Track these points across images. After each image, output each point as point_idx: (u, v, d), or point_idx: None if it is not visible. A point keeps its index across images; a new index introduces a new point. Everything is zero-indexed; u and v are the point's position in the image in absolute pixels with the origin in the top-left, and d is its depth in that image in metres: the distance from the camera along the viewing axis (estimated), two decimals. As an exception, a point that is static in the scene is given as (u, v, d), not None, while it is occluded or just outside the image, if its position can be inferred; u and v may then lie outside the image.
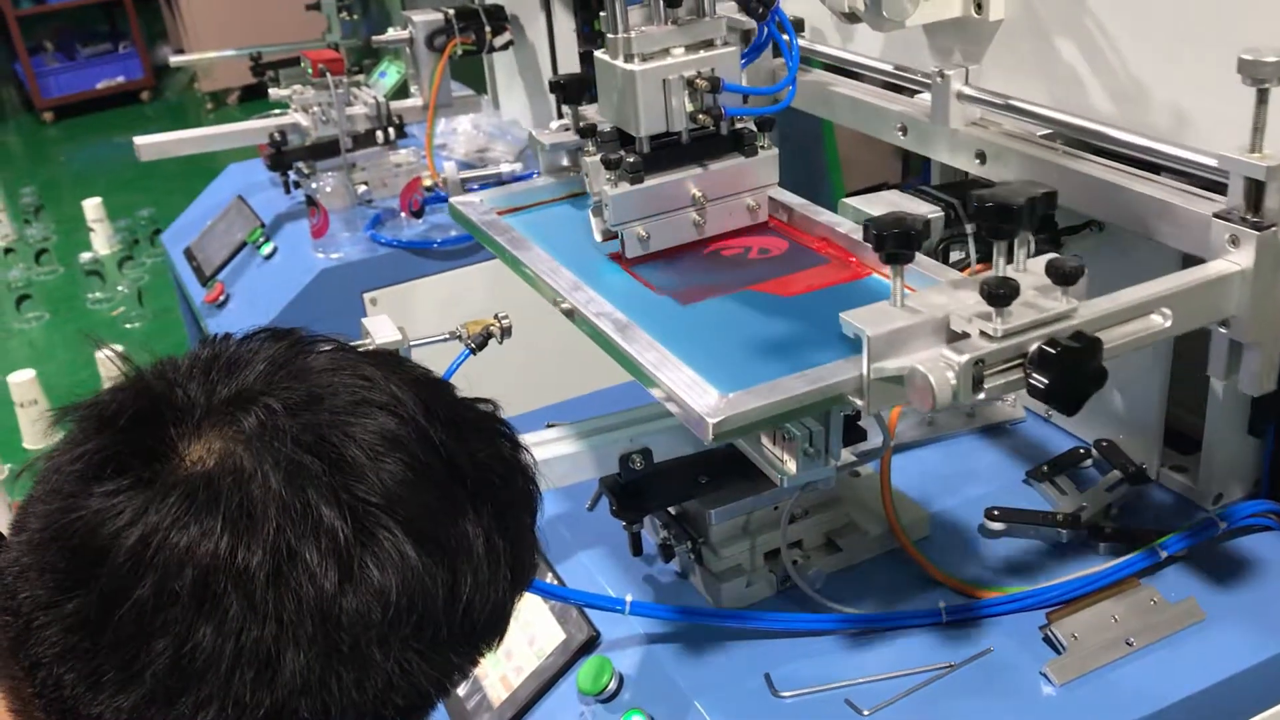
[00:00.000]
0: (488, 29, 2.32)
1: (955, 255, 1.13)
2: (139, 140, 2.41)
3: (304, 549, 0.53)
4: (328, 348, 0.63)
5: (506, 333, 1.16)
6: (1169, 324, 0.93)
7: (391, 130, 2.34)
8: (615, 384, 1.88)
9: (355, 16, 2.87)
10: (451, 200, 1.31)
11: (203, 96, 6.28)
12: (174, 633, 0.52)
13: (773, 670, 1.04)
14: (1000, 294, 0.84)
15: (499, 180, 2.29)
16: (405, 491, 0.56)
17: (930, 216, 1.11)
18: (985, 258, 1.12)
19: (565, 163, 1.28)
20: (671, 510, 1.18)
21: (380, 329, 1.02)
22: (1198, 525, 1.10)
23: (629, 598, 1.07)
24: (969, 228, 1.12)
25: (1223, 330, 0.97)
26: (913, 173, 4.10)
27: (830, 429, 1.03)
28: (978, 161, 1.19)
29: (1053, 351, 0.83)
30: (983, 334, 0.84)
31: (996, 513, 1.17)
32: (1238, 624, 1.03)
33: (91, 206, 4.52)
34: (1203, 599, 1.05)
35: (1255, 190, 0.94)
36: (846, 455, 1.08)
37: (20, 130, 6.53)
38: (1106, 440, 1.26)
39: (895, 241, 0.87)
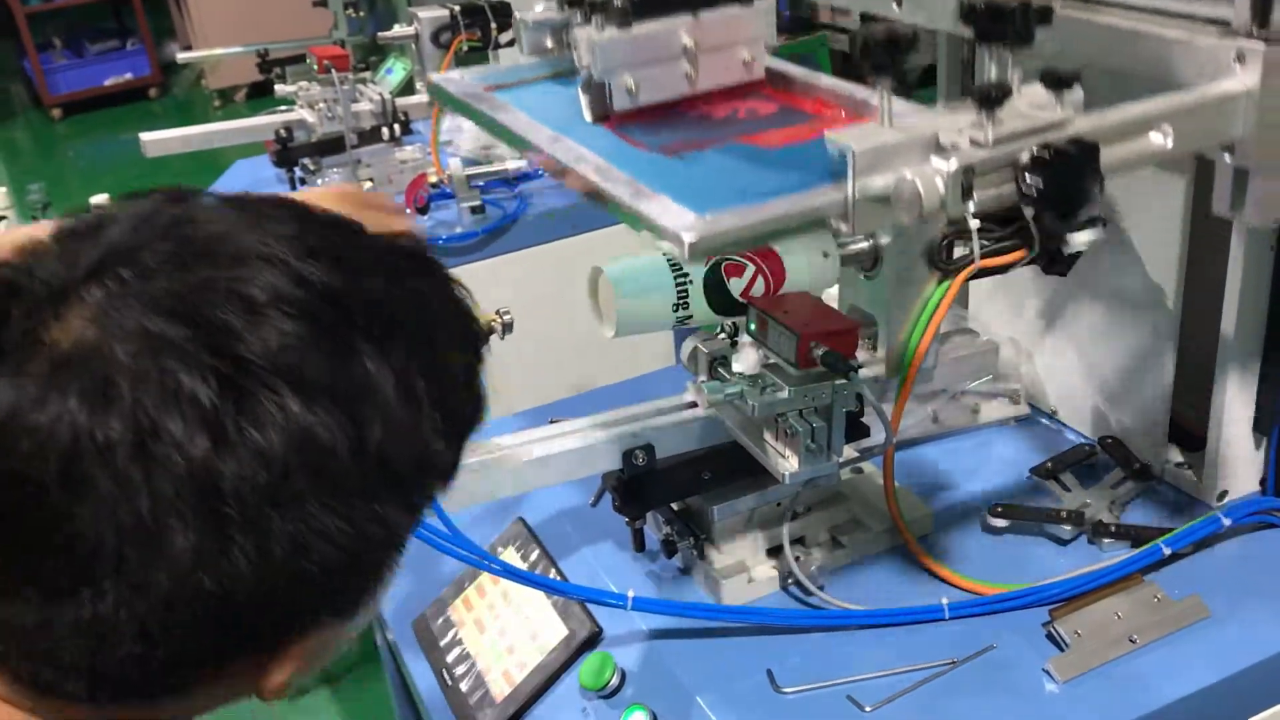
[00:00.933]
0: (493, 25, 2.32)
1: (959, 251, 1.12)
2: (145, 136, 2.41)
3: (165, 420, 0.50)
4: (211, 200, 0.60)
5: (508, 328, 1.16)
6: (1169, 142, 0.87)
7: (397, 127, 2.34)
8: (619, 381, 1.89)
9: (361, 13, 2.88)
10: (431, 76, 1.25)
11: (210, 93, 6.29)
12: (52, 522, 0.51)
13: (775, 666, 1.04)
14: (991, 96, 0.80)
15: (505, 178, 2.29)
16: (286, 343, 0.53)
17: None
18: (989, 253, 1.13)
19: (550, 44, 1.21)
20: (674, 506, 1.18)
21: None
22: (1202, 522, 1.10)
23: (631, 593, 1.07)
24: (973, 223, 1.12)
25: (1228, 158, 0.92)
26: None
27: (833, 425, 1.03)
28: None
29: (1047, 155, 0.79)
30: (973, 142, 0.81)
31: (1000, 509, 1.16)
32: (1242, 621, 1.03)
33: (99, 203, 4.52)
34: (1207, 596, 1.05)
35: (1262, 2, 0.87)
36: (849, 452, 1.08)
37: (28, 127, 6.54)
38: (1111, 437, 1.25)
39: (883, 50, 0.81)
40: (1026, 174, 0.80)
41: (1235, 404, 1.13)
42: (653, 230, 0.83)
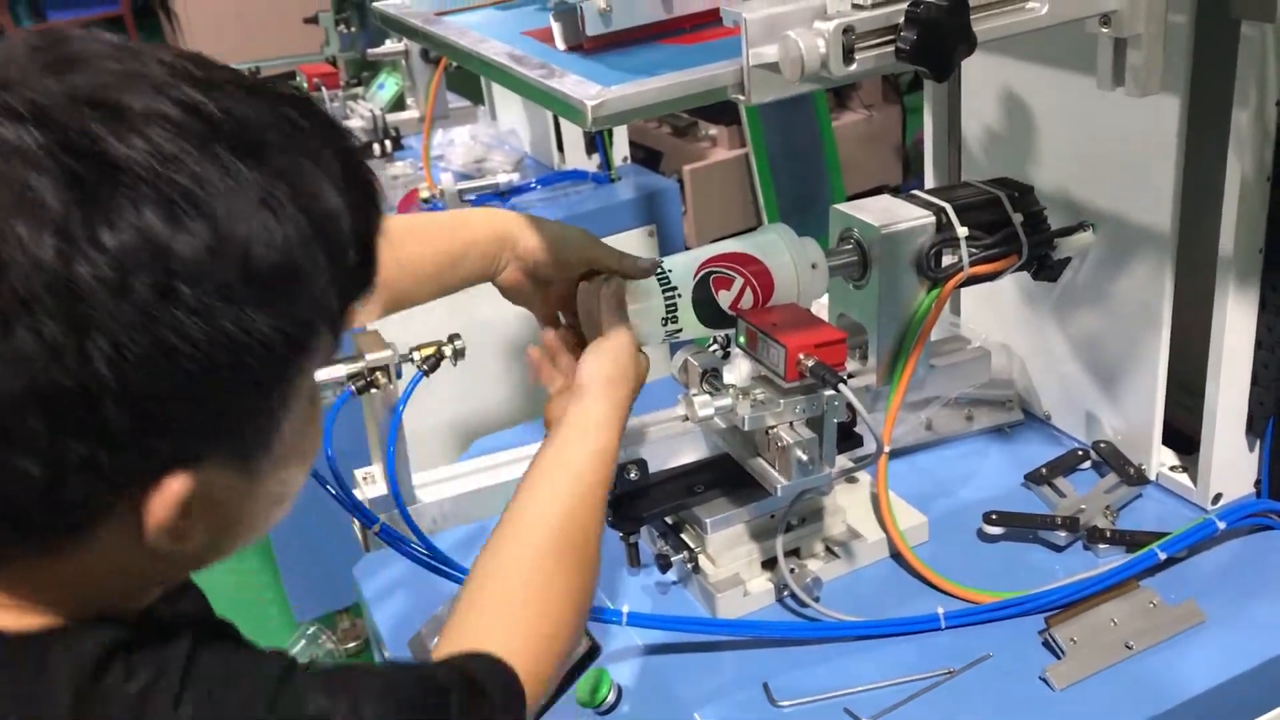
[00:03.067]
0: (482, 40, 2.32)
1: (948, 259, 1.13)
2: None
3: (12, 222, 0.51)
4: (86, 30, 0.60)
5: (460, 354, 1.14)
6: (1044, 9, 0.87)
7: (389, 142, 2.34)
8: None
9: (353, 29, 2.88)
10: (375, 5, 1.23)
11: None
12: None
13: (771, 679, 1.04)
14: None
15: (497, 191, 2.29)
16: (148, 148, 0.53)
17: (920, 222, 1.10)
18: (978, 261, 1.13)
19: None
20: (668, 520, 1.18)
21: (370, 345, 1.02)
22: (1196, 526, 1.10)
23: (626, 608, 1.07)
24: (960, 231, 1.12)
25: (1105, 30, 0.92)
26: (913, 174, 4.11)
27: (824, 436, 1.03)
28: None
29: (918, 9, 0.80)
30: (855, 5, 0.82)
31: (995, 516, 1.16)
32: (1238, 625, 1.03)
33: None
34: (1202, 600, 1.04)
35: None
36: (842, 462, 1.08)
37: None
38: (1105, 442, 1.25)
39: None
40: (901, 33, 0.81)
41: (1228, 406, 1.12)
42: (559, 103, 0.84)
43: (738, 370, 1.14)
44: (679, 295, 1.04)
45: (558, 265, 1.05)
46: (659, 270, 1.05)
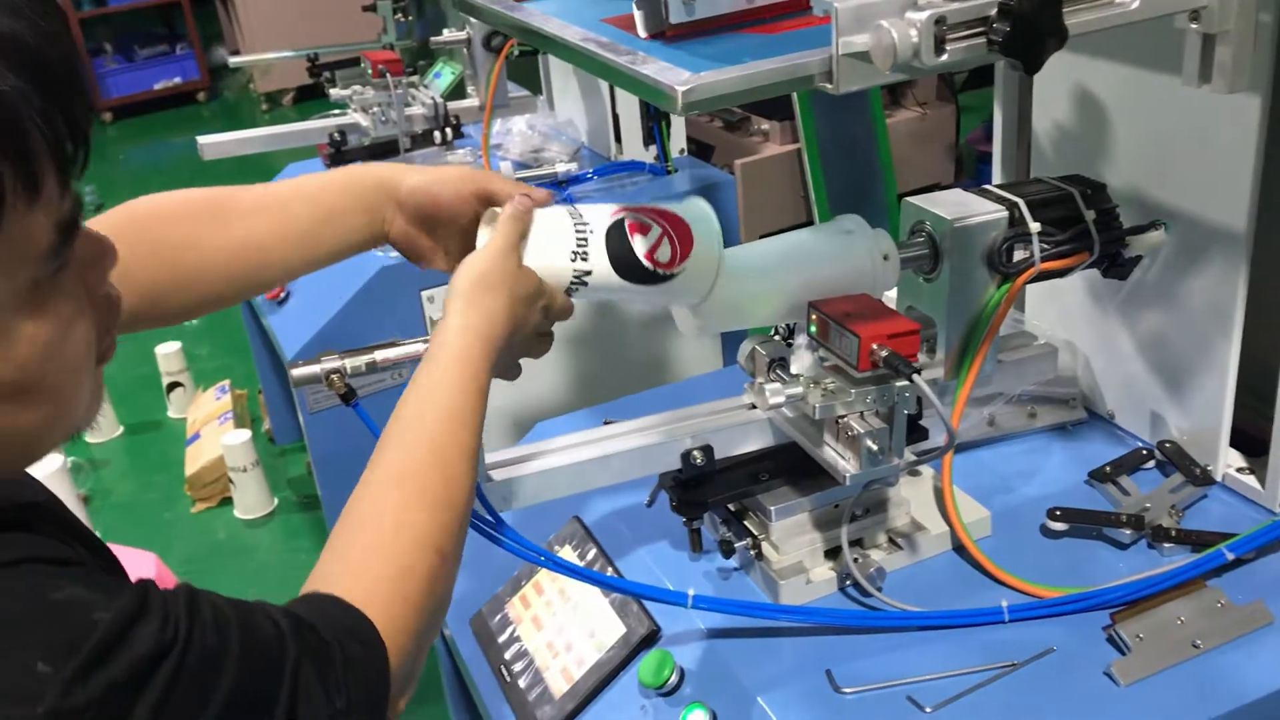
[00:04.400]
0: (544, 29, 2.34)
1: (1019, 254, 1.13)
2: (202, 140, 2.45)
3: None
4: None
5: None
6: (1135, 5, 0.87)
7: (449, 130, 2.36)
8: (672, 382, 1.89)
9: (410, 17, 2.90)
10: None
11: (258, 97, 6.37)
12: None
13: (833, 667, 1.05)
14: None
15: (554, 180, 2.31)
16: None
17: (993, 217, 1.11)
18: (1049, 256, 1.13)
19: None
20: (732, 507, 1.19)
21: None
22: (1266, 528, 1.09)
23: (691, 591, 1.08)
24: (1033, 227, 1.12)
25: (1194, 26, 0.92)
26: (965, 174, 4.08)
27: (894, 427, 1.04)
28: None
29: (1011, 2, 0.81)
30: None
31: (1059, 512, 1.16)
32: (1307, 627, 1.02)
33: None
34: (1270, 601, 1.04)
35: None
36: (908, 454, 1.08)
37: (80, 130, 6.64)
38: (1170, 442, 1.25)
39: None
40: (994, 24, 0.82)
41: (1299, 408, 1.12)
42: (648, 88, 0.86)
43: (802, 360, 1.14)
44: (590, 231, 0.99)
45: (449, 203, 1.00)
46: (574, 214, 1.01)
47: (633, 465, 1.12)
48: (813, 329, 1.06)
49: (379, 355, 1.01)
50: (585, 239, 0.98)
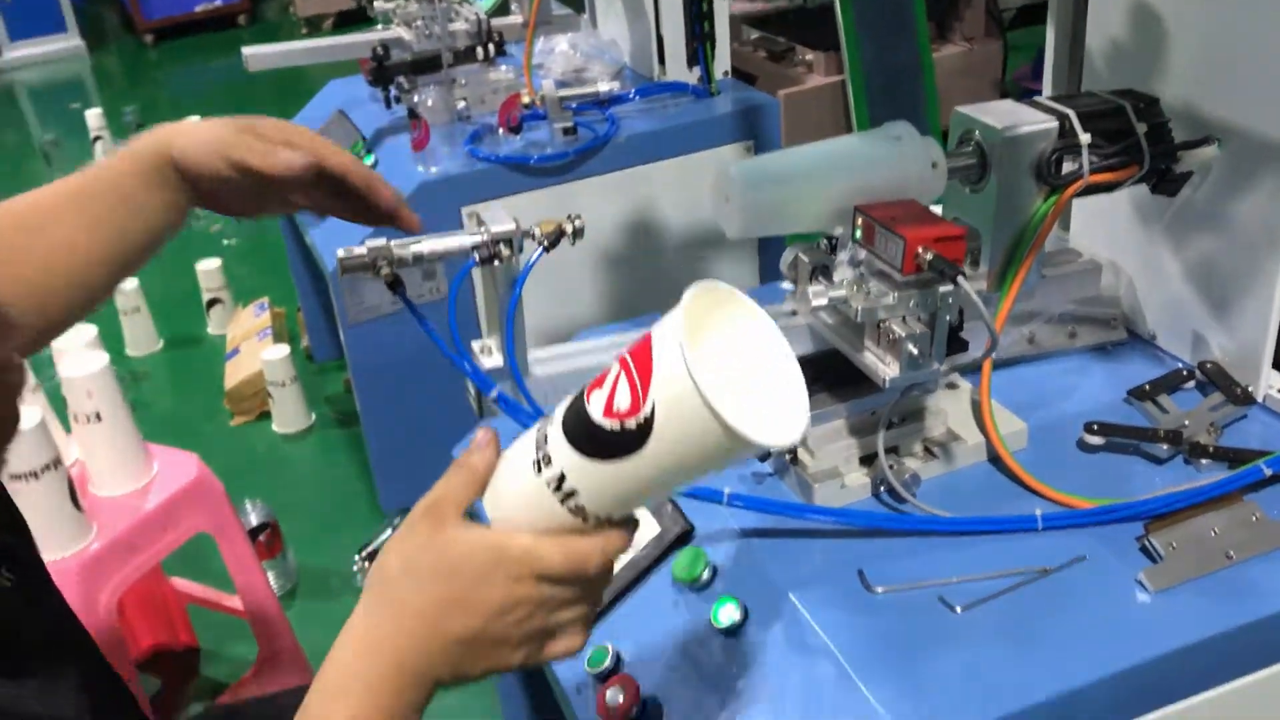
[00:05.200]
0: (590, -54, 2.32)
1: (1068, 166, 1.12)
2: (247, 51, 2.45)
3: None
4: None
5: (579, 234, 1.15)
6: None
7: (491, 47, 2.35)
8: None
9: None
10: None
11: (298, 21, 6.36)
12: None
13: (865, 568, 1.06)
14: None
15: (596, 99, 2.30)
16: None
17: (1043, 127, 1.10)
18: (1098, 169, 1.12)
19: None
20: (769, 413, 1.20)
21: (496, 216, 1.04)
22: (1304, 445, 1.09)
23: (727, 489, 1.09)
24: (1083, 138, 1.11)
25: None
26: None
27: (936, 331, 1.04)
28: None
29: None
30: None
31: (1096, 427, 1.17)
32: (1341, 542, 1.03)
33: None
34: (1306, 518, 1.04)
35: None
36: (948, 365, 1.08)
37: (121, 52, 6.68)
38: (1211, 362, 1.24)
39: None
40: None
41: (1345, 329, 1.11)
42: None
43: (843, 271, 1.14)
44: (550, 421, 0.72)
45: (199, 163, 0.90)
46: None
47: (673, 366, 1.13)
48: (858, 233, 1.06)
49: (426, 246, 1.02)
50: (545, 433, 0.70)
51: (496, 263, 1.01)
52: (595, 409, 0.66)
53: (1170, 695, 0.97)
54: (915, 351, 1.02)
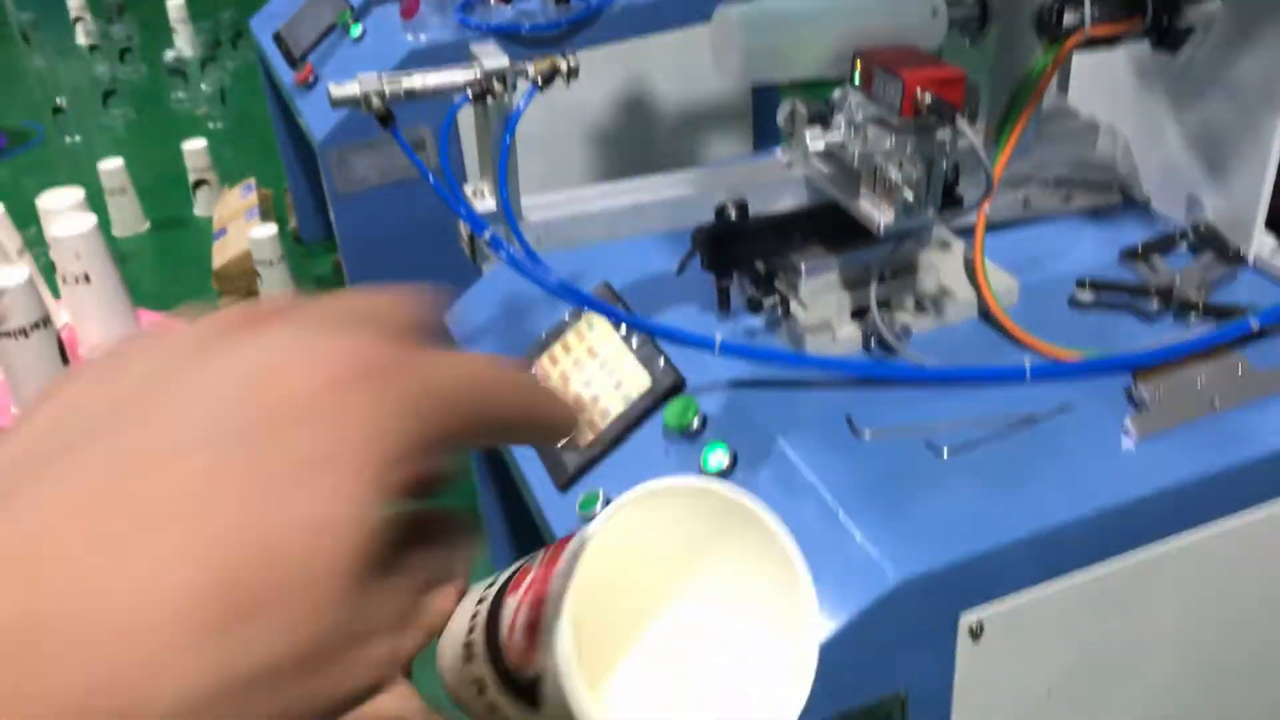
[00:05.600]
0: None
1: (1069, 19, 1.10)
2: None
3: None
4: None
5: (574, 73, 1.13)
6: None
7: (483, -86, 2.30)
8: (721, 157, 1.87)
9: None
10: None
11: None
12: None
13: (854, 416, 1.07)
14: None
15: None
16: None
17: (1048, -25, 1.08)
18: (1101, 19, 1.10)
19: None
20: (761, 269, 1.20)
21: (488, 52, 1.02)
22: (1293, 300, 1.10)
23: (719, 336, 1.10)
24: (1087, -12, 1.09)
25: None
26: None
27: (932, 178, 1.03)
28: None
29: None
30: None
31: (1087, 283, 1.17)
32: (1325, 393, 1.04)
33: (174, 7, 4.52)
34: (1291, 370, 1.05)
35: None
36: (940, 233, 1.08)
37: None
38: (1204, 223, 1.24)
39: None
40: None
41: (1340, 187, 1.11)
42: None
43: (839, 123, 1.13)
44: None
45: None
46: None
47: (666, 215, 1.13)
48: (857, 77, 1.05)
49: (418, 81, 1.01)
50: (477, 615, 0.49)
51: (489, 99, 0.99)
52: (504, 625, 0.47)
53: (1150, 535, 0.99)
54: (911, 197, 1.02)
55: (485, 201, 1.06)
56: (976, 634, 0.96)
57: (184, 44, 4.51)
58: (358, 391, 0.29)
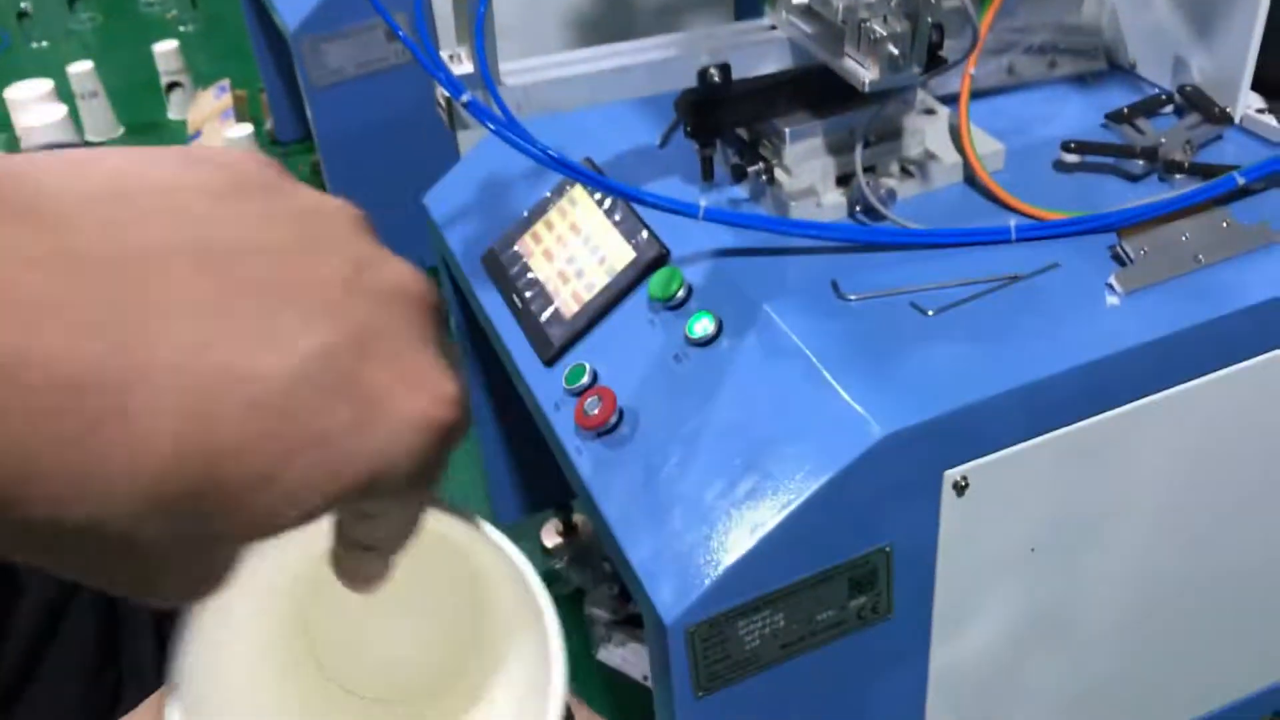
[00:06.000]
0: None
1: None
2: None
3: None
4: None
5: None
6: None
7: None
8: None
9: None
10: None
11: None
12: None
13: (840, 279, 1.07)
14: None
15: None
16: None
17: None
18: None
19: None
20: (745, 136, 1.19)
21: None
22: (1278, 157, 1.09)
23: (703, 203, 1.09)
24: None
25: None
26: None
27: (917, 32, 1.02)
28: None
29: None
30: None
31: (1073, 145, 1.16)
32: (1309, 246, 1.04)
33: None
34: (1277, 226, 1.05)
35: None
36: (924, 99, 1.07)
37: None
38: (1191, 85, 1.23)
39: None
40: None
41: (1328, 41, 1.10)
42: None
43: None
44: None
45: None
46: None
47: (649, 79, 1.11)
48: (839, -68, 1.02)
49: (391, -60, 0.98)
50: None
51: (465, -42, 0.97)
52: None
53: (1134, 390, 0.99)
54: (896, 52, 1.00)
55: (463, 65, 1.04)
56: (961, 489, 0.97)
57: (149, -54, 4.39)
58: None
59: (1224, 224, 1.05)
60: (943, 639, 1.04)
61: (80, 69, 3.24)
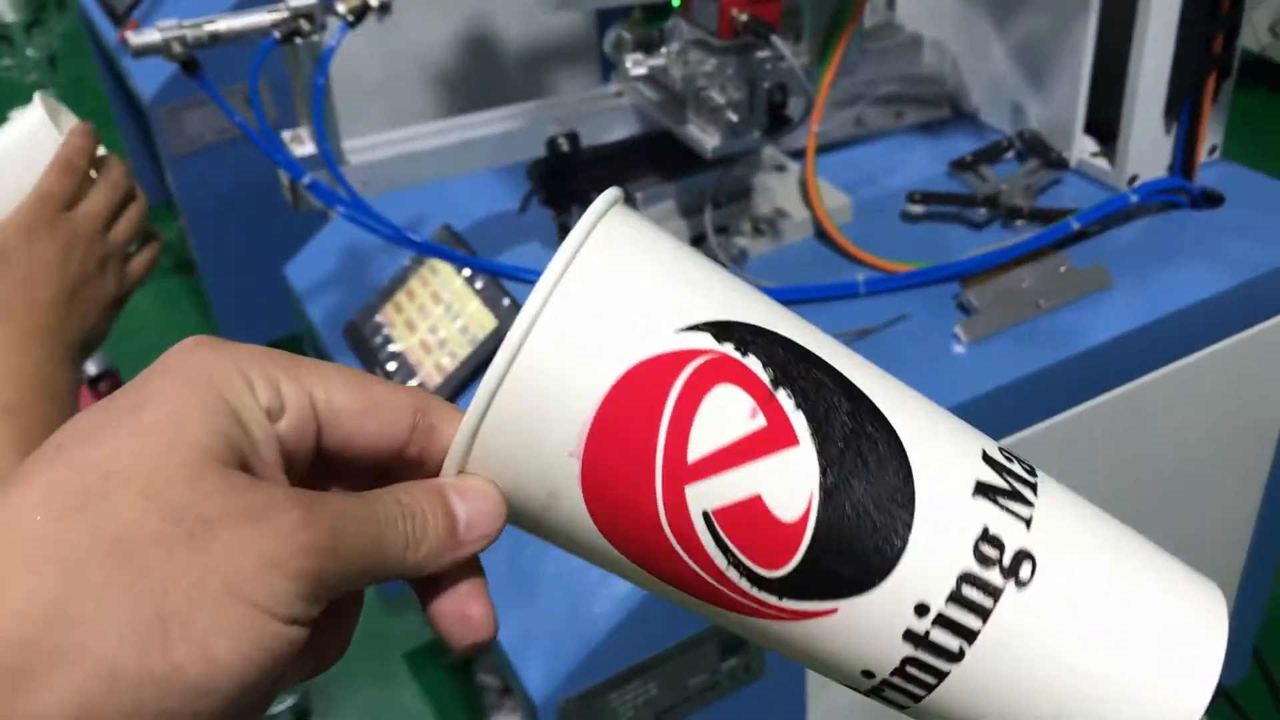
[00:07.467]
0: None
1: (885, -68, 1.11)
2: None
3: None
4: None
5: (386, 8, 1.08)
6: None
7: None
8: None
9: None
10: None
11: None
12: None
13: (698, 341, 1.07)
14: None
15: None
16: None
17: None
18: (914, -68, 1.11)
19: None
20: (600, 200, 1.19)
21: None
22: (1110, 199, 1.13)
23: (557, 272, 1.08)
24: (899, -99, 1.10)
25: None
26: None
27: (755, 99, 1.03)
28: None
29: None
30: None
31: (918, 196, 1.19)
32: (1144, 287, 1.08)
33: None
34: (1112, 267, 1.09)
35: None
36: (773, 155, 1.08)
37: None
38: (1029, 130, 1.27)
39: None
40: None
41: (1148, 88, 1.14)
42: None
43: (668, 44, 1.13)
44: None
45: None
46: None
47: (497, 151, 1.11)
48: (676, 2, 1.04)
49: (223, 24, 0.96)
50: None
51: (299, 40, 0.96)
52: None
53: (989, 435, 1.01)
54: (735, 119, 1.02)
55: (305, 146, 1.03)
56: (824, 545, 0.98)
57: (4, 8, 4.27)
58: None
59: (1062, 269, 1.08)
60: (818, 697, 1.05)
61: (-68, 140, 3.12)
